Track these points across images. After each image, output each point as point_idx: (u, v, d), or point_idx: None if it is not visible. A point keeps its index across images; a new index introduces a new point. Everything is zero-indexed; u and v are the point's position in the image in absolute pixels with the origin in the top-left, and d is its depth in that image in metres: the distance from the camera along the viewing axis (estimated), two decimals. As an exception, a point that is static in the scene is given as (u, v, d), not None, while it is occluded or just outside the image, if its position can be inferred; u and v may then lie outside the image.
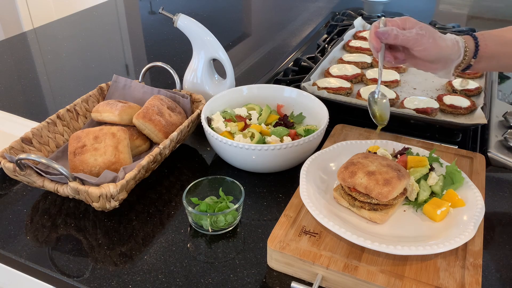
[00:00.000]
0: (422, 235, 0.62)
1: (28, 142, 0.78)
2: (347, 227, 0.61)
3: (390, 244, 0.57)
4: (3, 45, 1.39)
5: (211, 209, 0.69)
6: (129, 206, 0.74)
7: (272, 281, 0.61)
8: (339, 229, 0.60)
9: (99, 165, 0.73)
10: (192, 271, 0.62)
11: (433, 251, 0.57)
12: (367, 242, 0.58)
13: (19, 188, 0.78)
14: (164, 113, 0.84)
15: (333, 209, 0.66)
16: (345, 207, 0.67)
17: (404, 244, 0.58)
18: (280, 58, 1.29)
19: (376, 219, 0.63)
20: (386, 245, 0.57)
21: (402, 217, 0.66)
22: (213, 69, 0.99)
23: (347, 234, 0.59)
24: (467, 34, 0.70)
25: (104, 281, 0.61)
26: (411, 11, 1.66)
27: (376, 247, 0.57)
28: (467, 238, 0.58)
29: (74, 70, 1.23)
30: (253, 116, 0.88)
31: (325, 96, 0.97)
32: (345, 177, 0.65)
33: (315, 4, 1.76)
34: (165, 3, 1.85)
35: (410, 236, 0.62)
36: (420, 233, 0.63)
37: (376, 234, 0.62)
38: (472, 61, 0.68)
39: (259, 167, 0.80)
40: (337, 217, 0.64)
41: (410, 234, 0.63)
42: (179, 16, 0.94)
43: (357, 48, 1.25)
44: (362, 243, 0.58)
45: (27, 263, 0.64)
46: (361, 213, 0.65)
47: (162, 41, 1.44)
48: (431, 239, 0.60)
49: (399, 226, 0.64)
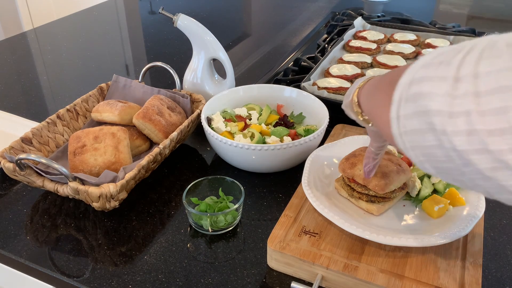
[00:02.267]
0: (417, 229, 0.62)
1: (28, 142, 0.78)
2: (341, 215, 0.62)
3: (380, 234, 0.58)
4: (3, 45, 1.39)
5: (211, 209, 0.69)
6: (129, 206, 0.74)
7: (272, 281, 0.61)
8: (333, 216, 0.61)
9: (99, 165, 0.73)
10: (192, 271, 0.62)
11: (423, 244, 0.57)
12: (358, 230, 0.59)
13: (19, 188, 0.78)
14: (164, 113, 0.84)
15: (332, 199, 0.67)
16: (344, 197, 0.68)
17: (394, 235, 0.58)
18: (280, 58, 1.29)
19: (373, 210, 0.64)
20: (377, 234, 0.58)
21: (400, 211, 0.66)
22: (213, 69, 0.99)
23: (340, 222, 0.60)
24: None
25: (104, 281, 0.61)
26: (411, 11, 1.66)
27: (367, 235, 0.58)
28: (461, 234, 0.58)
29: (74, 70, 1.23)
30: (253, 116, 0.88)
31: (325, 96, 0.97)
32: (345, 168, 0.66)
33: (315, 4, 1.76)
34: (165, 3, 1.85)
35: (405, 229, 0.62)
36: (416, 227, 0.63)
37: (372, 225, 0.62)
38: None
39: (259, 167, 0.80)
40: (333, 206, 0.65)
41: (405, 228, 0.63)
42: (179, 16, 0.94)
43: (357, 48, 1.25)
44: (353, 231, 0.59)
45: (27, 263, 0.64)
46: (359, 203, 0.66)
47: (162, 41, 1.44)
48: (426, 233, 0.60)
49: (396, 219, 0.65)
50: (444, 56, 0.37)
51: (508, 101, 0.31)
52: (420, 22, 1.46)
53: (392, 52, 1.23)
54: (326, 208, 0.63)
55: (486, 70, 0.33)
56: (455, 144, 0.35)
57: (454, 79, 0.34)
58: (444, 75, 0.35)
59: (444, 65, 0.36)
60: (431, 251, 0.60)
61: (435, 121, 0.35)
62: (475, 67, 0.33)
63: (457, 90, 0.34)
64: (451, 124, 0.34)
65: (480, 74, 0.33)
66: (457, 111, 0.34)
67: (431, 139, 0.36)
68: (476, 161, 0.34)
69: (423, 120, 0.37)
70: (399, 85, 0.40)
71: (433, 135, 0.36)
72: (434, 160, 0.38)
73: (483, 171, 0.34)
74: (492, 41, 0.34)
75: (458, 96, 0.34)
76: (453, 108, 0.34)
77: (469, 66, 0.34)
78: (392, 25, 1.42)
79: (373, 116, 0.51)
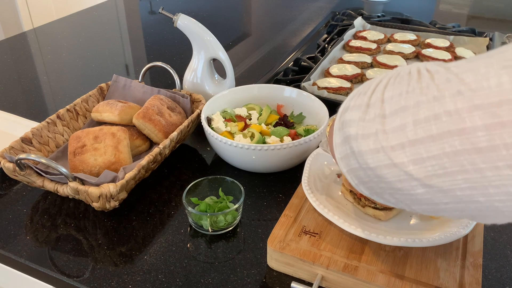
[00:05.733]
0: (417, 229, 0.62)
1: (28, 142, 0.78)
2: (341, 215, 0.62)
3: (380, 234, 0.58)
4: (3, 45, 1.39)
5: (211, 209, 0.69)
6: (129, 206, 0.74)
7: (272, 281, 0.61)
8: (333, 216, 0.61)
9: (99, 165, 0.73)
10: (192, 271, 0.62)
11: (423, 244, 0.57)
12: (358, 230, 0.59)
13: (19, 188, 0.78)
14: (164, 113, 0.84)
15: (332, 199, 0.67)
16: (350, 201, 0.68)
17: (394, 235, 0.58)
18: (280, 58, 1.29)
19: (380, 216, 0.64)
20: (377, 234, 0.58)
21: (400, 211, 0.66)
22: (213, 69, 0.99)
23: (339, 221, 0.60)
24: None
25: (104, 281, 0.61)
26: (411, 11, 1.66)
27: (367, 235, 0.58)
28: (461, 234, 0.58)
29: (74, 70, 1.23)
30: (253, 116, 0.88)
31: (325, 96, 0.97)
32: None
33: (315, 4, 1.76)
34: (165, 3, 1.85)
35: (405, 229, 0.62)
36: (416, 227, 0.63)
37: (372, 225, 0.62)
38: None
39: (259, 167, 0.80)
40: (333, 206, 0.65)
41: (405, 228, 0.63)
42: (179, 16, 0.94)
43: (357, 48, 1.25)
44: (353, 231, 0.59)
45: (27, 263, 0.64)
46: (366, 210, 0.65)
47: (162, 41, 1.44)
48: (426, 233, 0.60)
49: (396, 219, 0.64)
50: (363, 88, 0.42)
51: (406, 119, 0.36)
52: (420, 22, 1.46)
53: (392, 52, 1.23)
54: (326, 208, 0.63)
55: (390, 95, 0.38)
56: (368, 162, 0.39)
57: (366, 106, 0.39)
58: (359, 103, 0.40)
59: (362, 95, 0.41)
60: (431, 251, 0.60)
61: (353, 144, 0.40)
62: (382, 94, 0.39)
63: (368, 114, 0.39)
64: (364, 144, 0.39)
65: (385, 99, 0.38)
66: (367, 133, 0.38)
67: (354, 161, 0.41)
68: (387, 176, 0.38)
69: (347, 145, 0.42)
70: (337, 115, 0.45)
71: (354, 158, 0.41)
72: (362, 181, 0.42)
73: (393, 184, 0.38)
74: (397, 71, 0.40)
75: (369, 119, 0.39)
76: (364, 131, 0.39)
77: (377, 93, 0.39)
78: (392, 25, 1.42)
79: (330, 150, 0.56)
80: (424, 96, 0.35)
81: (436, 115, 0.34)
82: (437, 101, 0.34)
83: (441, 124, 0.34)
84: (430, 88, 0.35)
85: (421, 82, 0.36)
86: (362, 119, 0.39)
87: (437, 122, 0.34)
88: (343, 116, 0.42)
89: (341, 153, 0.43)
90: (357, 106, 0.40)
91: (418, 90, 0.36)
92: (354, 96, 0.42)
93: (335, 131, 0.44)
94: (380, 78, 0.41)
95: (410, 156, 0.35)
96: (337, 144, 0.43)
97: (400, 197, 0.39)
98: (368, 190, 0.43)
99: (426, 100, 0.35)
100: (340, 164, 0.44)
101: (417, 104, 0.35)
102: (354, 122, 0.40)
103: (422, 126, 0.35)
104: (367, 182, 0.41)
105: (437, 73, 0.36)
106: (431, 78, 0.36)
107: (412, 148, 0.35)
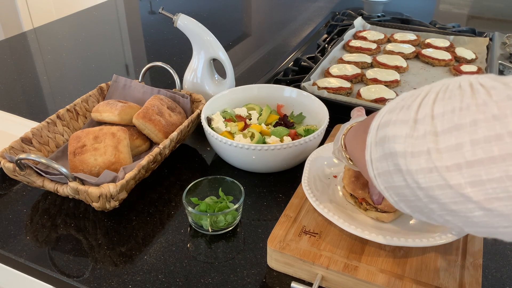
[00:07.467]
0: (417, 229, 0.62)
1: (28, 142, 0.78)
2: (341, 215, 0.62)
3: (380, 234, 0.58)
4: (3, 45, 1.39)
5: (211, 209, 0.69)
6: (129, 206, 0.74)
7: (272, 281, 0.61)
8: (333, 216, 0.61)
9: (99, 165, 0.73)
10: (192, 271, 0.62)
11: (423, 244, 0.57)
12: (358, 230, 0.59)
13: (19, 188, 0.78)
14: (164, 113, 0.84)
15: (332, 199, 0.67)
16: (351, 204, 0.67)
17: (394, 235, 0.58)
18: (280, 58, 1.29)
19: (383, 218, 0.63)
20: (376, 234, 0.58)
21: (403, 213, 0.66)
22: (213, 69, 0.99)
23: (339, 221, 0.60)
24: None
25: (104, 281, 0.61)
26: (411, 11, 1.66)
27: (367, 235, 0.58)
28: (461, 234, 0.58)
29: (74, 70, 1.23)
30: (253, 116, 0.88)
31: (325, 96, 0.97)
32: (355, 188, 0.65)
33: (315, 4, 1.76)
34: (165, 3, 1.85)
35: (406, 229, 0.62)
36: (416, 227, 0.63)
37: (372, 225, 0.62)
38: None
39: (259, 167, 0.80)
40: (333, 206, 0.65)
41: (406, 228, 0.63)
42: (179, 16, 0.94)
43: (357, 48, 1.25)
44: (353, 231, 0.59)
45: (27, 263, 0.64)
46: (368, 213, 0.65)
47: (162, 41, 1.44)
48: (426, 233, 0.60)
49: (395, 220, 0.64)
50: (405, 101, 0.40)
51: (462, 138, 0.34)
52: (420, 22, 1.46)
53: (392, 52, 1.23)
54: (326, 208, 0.63)
55: (441, 111, 0.36)
56: (419, 182, 0.37)
57: (413, 121, 0.37)
58: (405, 118, 0.38)
59: (405, 109, 0.39)
60: (431, 251, 0.60)
61: (400, 162, 0.38)
62: (431, 109, 0.37)
63: (417, 131, 0.37)
64: (414, 163, 0.37)
65: (435, 115, 0.36)
66: (418, 151, 0.36)
67: (399, 179, 0.39)
68: (440, 197, 0.36)
69: (391, 162, 0.39)
70: (370, 130, 0.43)
71: (400, 176, 0.39)
72: (406, 200, 0.40)
73: (447, 205, 0.36)
74: (445, 85, 0.38)
75: (419, 136, 0.36)
76: (415, 148, 0.37)
77: (426, 108, 0.37)
78: (392, 25, 1.42)
79: (355, 161, 0.54)
80: (482, 114, 0.33)
81: (498, 135, 0.32)
82: (497, 120, 0.32)
83: (504, 145, 0.32)
84: (489, 105, 0.33)
85: (476, 99, 0.34)
86: (410, 136, 0.37)
87: (499, 143, 0.32)
88: (382, 131, 0.40)
89: (379, 169, 0.41)
90: (402, 121, 0.38)
91: (474, 107, 0.34)
92: (395, 109, 0.40)
93: (371, 145, 0.42)
94: (425, 91, 0.39)
95: (467, 177, 0.33)
96: (374, 160, 0.42)
97: (452, 218, 0.38)
98: (411, 208, 0.41)
99: (484, 118, 0.33)
100: (376, 180, 0.42)
101: (474, 123, 0.33)
102: (401, 138, 0.38)
103: (482, 146, 0.33)
104: (413, 201, 0.39)
105: (494, 89, 0.34)
106: (488, 95, 0.34)
107: (470, 169, 0.33)
